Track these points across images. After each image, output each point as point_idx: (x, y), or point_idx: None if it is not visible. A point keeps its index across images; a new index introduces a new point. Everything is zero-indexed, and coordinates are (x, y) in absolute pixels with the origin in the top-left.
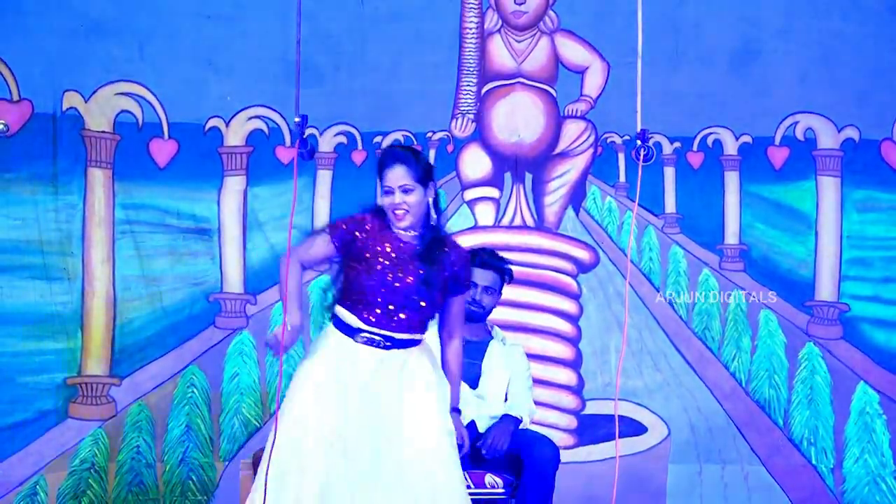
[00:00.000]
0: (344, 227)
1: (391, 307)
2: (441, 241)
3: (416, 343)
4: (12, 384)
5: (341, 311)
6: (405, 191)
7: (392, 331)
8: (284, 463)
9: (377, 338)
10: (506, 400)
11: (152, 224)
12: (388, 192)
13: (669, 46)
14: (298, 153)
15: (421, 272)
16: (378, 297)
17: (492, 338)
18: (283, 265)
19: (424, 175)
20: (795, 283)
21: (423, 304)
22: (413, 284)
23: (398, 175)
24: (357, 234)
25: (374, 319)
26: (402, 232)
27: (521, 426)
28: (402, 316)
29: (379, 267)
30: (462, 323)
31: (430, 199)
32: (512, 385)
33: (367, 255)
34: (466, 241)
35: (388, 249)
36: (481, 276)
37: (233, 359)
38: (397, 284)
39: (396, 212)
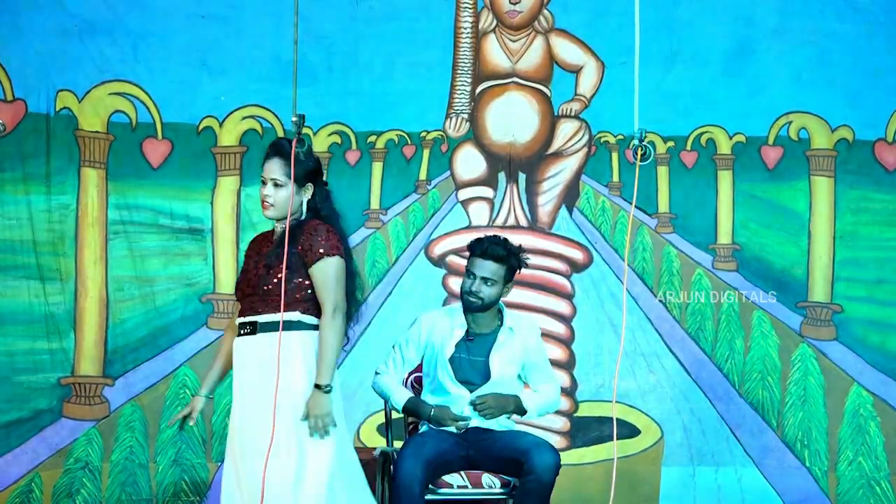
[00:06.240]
0: None
1: (247, 295)
2: (300, 225)
3: (274, 328)
4: (7, 383)
5: None
6: (275, 185)
7: (246, 316)
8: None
9: (241, 327)
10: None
11: (145, 224)
12: (262, 181)
13: (664, 46)
14: (295, 152)
15: (266, 257)
16: (242, 289)
17: (501, 326)
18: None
19: (302, 176)
20: (788, 283)
21: (266, 287)
22: (262, 269)
23: (272, 168)
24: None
25: (240, 310)
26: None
27: (524, 417)
28: (253, 300)
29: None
30: (328, 293)
31: (305, 199)
32: (530, 372)
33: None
34: (462, 241)
35: (263, 249)
36: (480, 267)
37: None
38: (254, 272)
39: (263, 202)
